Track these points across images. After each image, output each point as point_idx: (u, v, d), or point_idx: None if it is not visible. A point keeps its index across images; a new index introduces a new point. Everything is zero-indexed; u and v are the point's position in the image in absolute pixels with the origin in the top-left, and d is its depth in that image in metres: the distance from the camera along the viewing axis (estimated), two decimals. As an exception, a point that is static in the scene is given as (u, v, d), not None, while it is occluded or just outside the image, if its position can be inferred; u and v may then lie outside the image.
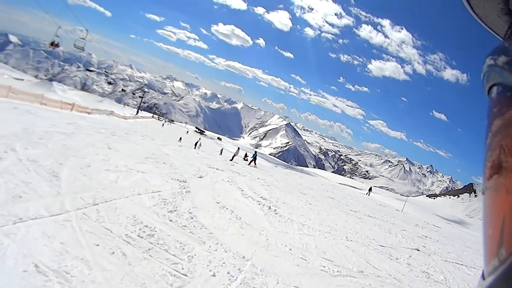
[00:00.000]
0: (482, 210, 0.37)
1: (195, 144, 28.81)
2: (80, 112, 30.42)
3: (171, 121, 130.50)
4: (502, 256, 0.29)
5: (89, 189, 6.18)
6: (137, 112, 68.78)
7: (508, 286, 0.27)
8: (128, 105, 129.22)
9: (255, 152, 26.99)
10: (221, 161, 20.64)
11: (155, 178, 9.01)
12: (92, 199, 5.62)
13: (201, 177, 11.34)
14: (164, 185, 8.50)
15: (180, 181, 9.63)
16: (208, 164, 15.96)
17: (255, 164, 25.18)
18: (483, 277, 0.34)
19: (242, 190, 11.03)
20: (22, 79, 54.87)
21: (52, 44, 26.88)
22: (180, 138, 34.02)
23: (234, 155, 25.16)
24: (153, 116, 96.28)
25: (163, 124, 72.82)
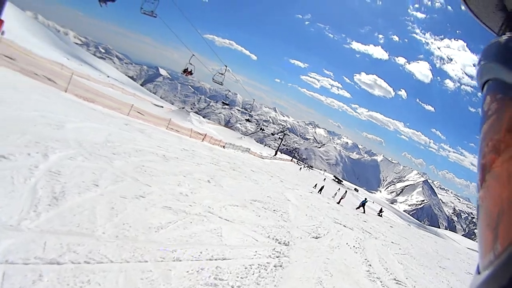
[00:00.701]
0: (477, 206, 0.42)
1: (320, 189, 31.48)
2: (212, 144, 34.17)
3: (310, 166, 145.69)
4: (497, 250, 0.33)
5: (86, 231, 4.16)
6: (276, 153, 78.93)
7: (503, 280, 0.31)
8: (269, 147, 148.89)
9: (365, 199, 31.56)
10: (352, 215, 20.56)
11: (237, 233, 6.92)
12: (60, 251, 3.52)
13: (317, 238, 9.85)
14: (242, 248, 6.11)
15: (280, 243, 7.57)
16: (335, 218, 15.46)
17: (363, 210, 28.91)
18: (478, 271, 0.39)
19: (370, 265, 9.34)
20: (162, 106, 66.86)
21: (185, 71, 30.76)
22: (316, 185, 35.98)
23: (342, 198, 28.68)
24: (292, 159, 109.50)
25: (300, 168, 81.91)
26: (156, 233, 5.01)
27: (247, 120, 65.07)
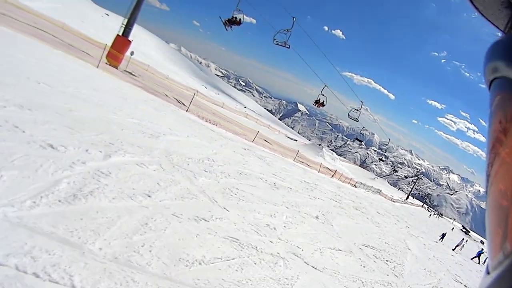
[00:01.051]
0: (486, 205, 0.44)
1: (442, 236, 31.93)
2: (341, 181, 34.43)
3: (440, 214, 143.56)
4: (507, 250, 0.34)
5: (75, 240, 3.24)
6: (407, 197, 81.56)
7: None
8: (402, 190, 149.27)
9: (482, 249, 31.28)
10: (475, 271, 20.58)
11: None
12: (14, 251, 2.64)
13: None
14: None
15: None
16: (456, 275, 14.95)
17: (479, 261, 28.66)
18: (487, 272, 0.40)
19: None
20: (296, 140, 69.05)
21: (317, 102, 31.00)
22: (443, 235, 35.45)
23: (457, 245, 29.64)
24: (422, 205, 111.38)
25: (430, 215, 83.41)
26: (184, 268, 3.84)
27: (380, 159, 64.52)
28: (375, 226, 14.96)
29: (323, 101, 30.27)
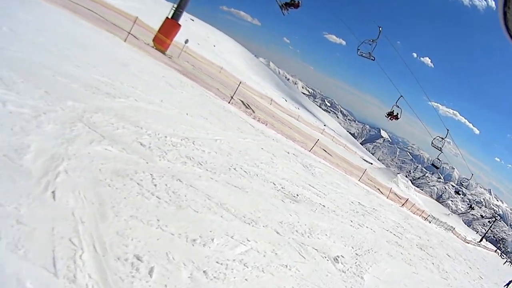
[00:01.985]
0: None
1: (508, 284, 26.77)
2: (412, 212, 30.52)
3: None
4: None
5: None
6: (481, 240, 75.20)
7: None
8: (476, 232, 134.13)
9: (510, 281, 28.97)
10: None
11: None
12: None
13: None
14: None
15: None
16: None
17: None
18: None
19: None
20: (371, 163, 63.68)
21: (390, 114, 26.77)
22: (510, 282, 29.89)
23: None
24: (496, 250, 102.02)
25: (504, 263, 75.46)
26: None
27: (457, 192, 58.15)
28: (441, 278, 10.91)
29: (397, 114, 25.99)
